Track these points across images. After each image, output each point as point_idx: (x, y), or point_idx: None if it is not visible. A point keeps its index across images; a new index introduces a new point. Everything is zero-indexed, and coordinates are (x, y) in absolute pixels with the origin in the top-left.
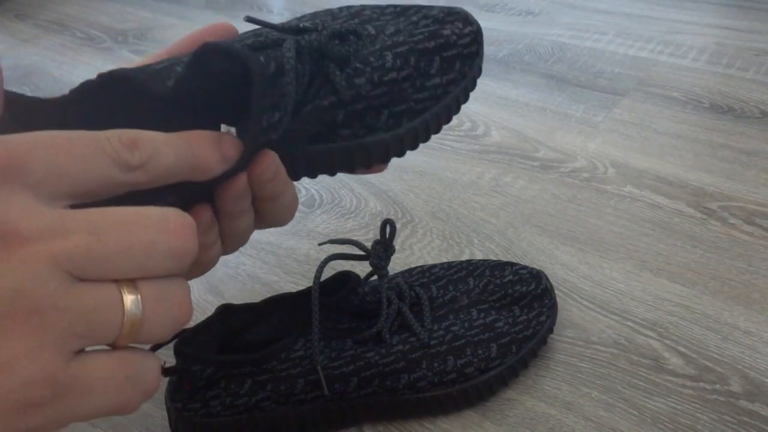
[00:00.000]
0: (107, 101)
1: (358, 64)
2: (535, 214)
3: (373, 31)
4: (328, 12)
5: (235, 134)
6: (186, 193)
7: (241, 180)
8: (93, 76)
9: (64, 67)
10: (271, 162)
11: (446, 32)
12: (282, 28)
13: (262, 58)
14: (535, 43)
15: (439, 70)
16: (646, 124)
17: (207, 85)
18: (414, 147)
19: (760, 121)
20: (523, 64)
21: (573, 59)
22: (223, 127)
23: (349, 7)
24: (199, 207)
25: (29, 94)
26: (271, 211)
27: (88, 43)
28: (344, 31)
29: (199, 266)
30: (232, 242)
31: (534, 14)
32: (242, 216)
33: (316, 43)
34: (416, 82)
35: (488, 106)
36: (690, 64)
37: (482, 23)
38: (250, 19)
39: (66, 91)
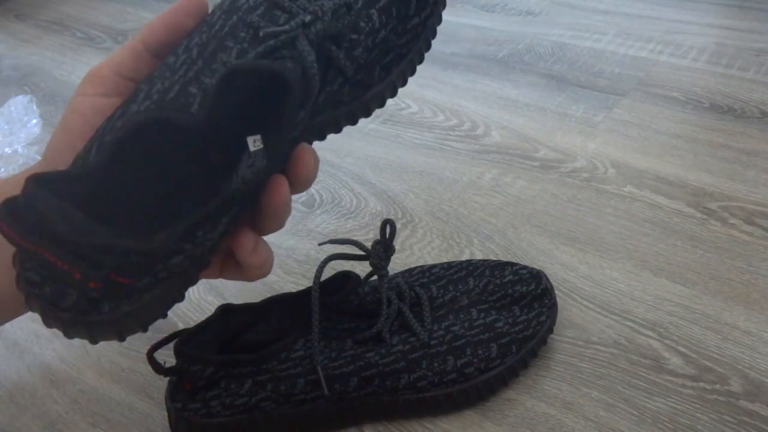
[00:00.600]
0: (135, 153)
1: (352, 35)
2: (535, 214)
3: None
4: None
5: (261, 142)
6: (235, 217)
7: (285, 188)
8: None
9: (64, 67)
10: (311, 156)
11: None
12: (291, 29)
13: (289, 64)
14: (535, 43)
15: (417, 9)
16: (646, 124)
17: (231, 101)
18: (404, 85)
19: (760, 121)
20: (523, 64)
21: (573, 59)
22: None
23: None
24: (243, 232)
25: (29, 93)
26: (302, 187)
27: (88, 43)
28: (339, 7)
29: (258, 274)
30: (270, 229)
31: (534, 14)
32: (284, 215)
33: (322, 32)
34: (398, 29)
35: (488, 106)
36: (690, 64)
37: (482, 23)
38: None
39: (67, 95)
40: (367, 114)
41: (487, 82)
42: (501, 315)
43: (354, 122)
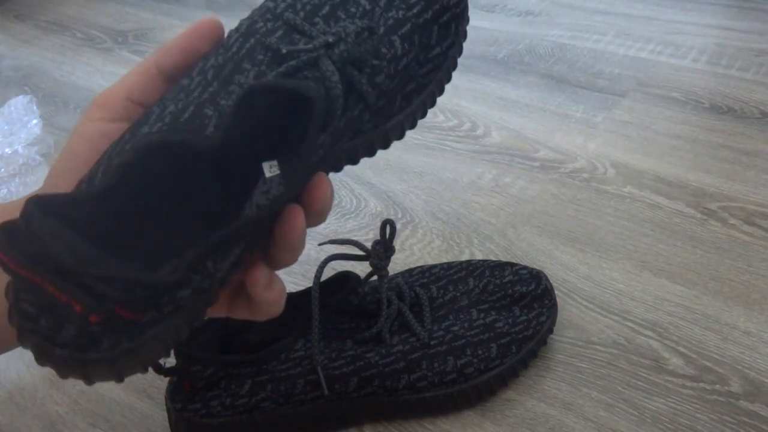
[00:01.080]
0: (143, 176)
1: (374, 61)
2: (535, 214)
3: (368, 6)
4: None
5: (277, 168)
6: (249, 250)
7: (300, 218)
8: (93, 76)
9: (64, 68)
10: (328, 186)
11: None
12: (314, 48)
13: (312, 84)
14: (535, 44)
15: (438, 39)
16: (645, 124)
17: (247, 123)
18: (424, 116)
19: (760, 122)
20: (523, 65)
21: (573, 60)
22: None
23: None
24: (256, 266)
25: (29, 94)
26: (317, 221)
27: (88, 43)
28: (361, 31)
29: (270, 311)
30: (283, 263)
31: (534, 15)
32: (302, 245)
33: (346, 54)
34: (420, 58)
35: (488, 106)
36: (690, 64)
37: (482, 24)
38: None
39: (67, 95)
40: (386, 145)
41: (487, 83)
42: (501, 315)
43: (372, 154)
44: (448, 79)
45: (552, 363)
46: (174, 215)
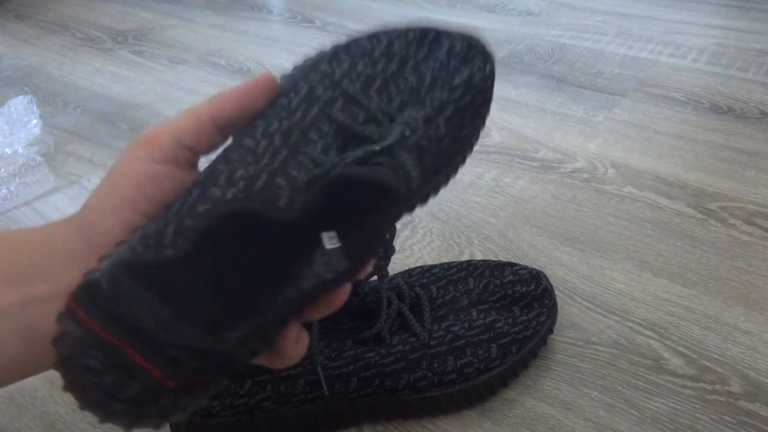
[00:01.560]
0: (216, 243)
1: (424, 143)
2: (535, 214)
3: (415, 84)
4: (380, 71)
5: (336, 240)
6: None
7: (348, 289)
8: (93, 76)
9: (64, 68)
10: (370, 266)
11: (476, 80)
12: (387, 147)
13: (395, 176)
14: (534, 44)
15: (470, 120)
16: (646, 124)
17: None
18: (447, 184)
19: (760, 122)
20: (522, 65)
21: (573, 59)
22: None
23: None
24: (290, 324)
25: (29, 94)
26: None
27: (88, 43)
28: (427, 121)
29: (290, 364)
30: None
31: (534, 15)
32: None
33: (414, 140)
34: (455, 135)
35: None
36: (690, 64)
37: (482, 24)
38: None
39: (67, 95)
40: (412, 210)
41: None
42: (501, 315)
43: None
44: (470, 150)
45: (552, 363)
46: (239, 281)
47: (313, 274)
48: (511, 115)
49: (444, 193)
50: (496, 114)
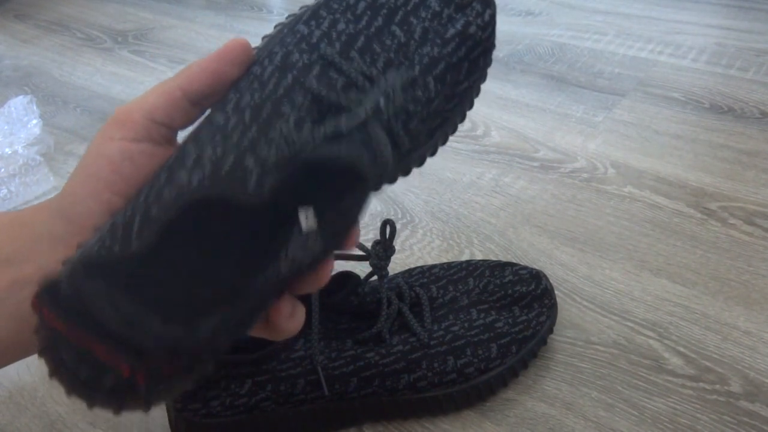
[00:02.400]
0: (182, 231)
1: (410, 106)
2: (535, 214)
3: (403, 39)
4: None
5: (312, 215)
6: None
7: (331, 267)
8: (93, 76)
9: (64, 68)
10: (357, 236)
11: (472, 30)
12: (366, 116)
13: (365, 157)
14: (535, 44)
15: (467, 74)
16: (645, 124)
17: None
18: (445, 144)
19: (760, 122)
20: (523, 65)
21: (573, 59)
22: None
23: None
24: (283, 299)
25: (29, 94)
26: None
27: (88, 43)
28: (407, 85)
29: (288, 336)
30: (311, 291)
31: (534, 14)
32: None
33: (392, 109)
34: (447, 93)
35: (488, 106)
36: (690, 64)
37: None
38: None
39: (67, 95)
40: (407, 174)
41: (487, 83)
42: (501, 315)
43: (393, 182)
44: (471, 106)
45: (552, 363)
46: (210, 270)
47: (289, 258)
48: (511, 115)
49: (444, 193)
50: (496, 114)
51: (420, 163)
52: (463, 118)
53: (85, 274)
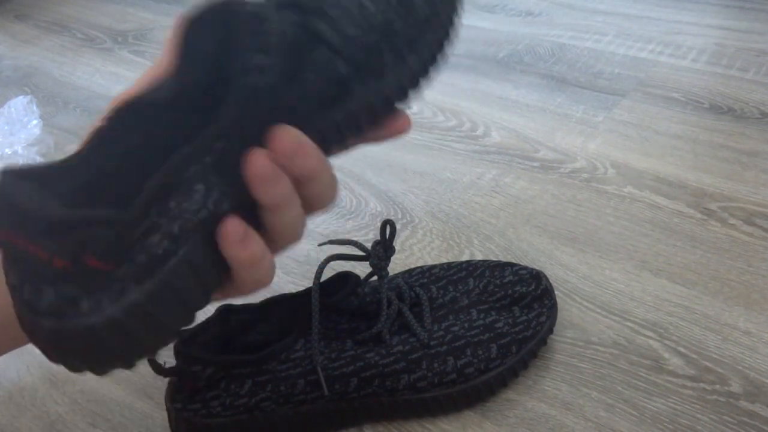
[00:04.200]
0: (114, 138)
1: (333, 11)
2: (535, 214)
3: None
4: None
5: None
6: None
7: (261, 158)
8: (93, 76)
9: (64, 68)
10: (286, 133)
11: None
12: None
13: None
14: (534, 44)
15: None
16: (646, 124)
17: (198, 68)
18: (426, 75)
19: (760, 122)
20: (522, 65)
21: (573, 60)
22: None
23: None
24: (228, 218)
25: (29, 94)
26: (314, 195)
27: (88, 43)
28: None
29: (253, 278)
30: (280, 240)
31: (534, 15)
32: (284, 207)
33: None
34: (405, 15)
35: (488, 106)
36: (690, 64)
37: (482, 24)
38: None
39: (67, 95)
40: (389, 109)
41: (487, 83)
42: (501, 315)
43: (373, 120)
44: (446, 35)
45: (552, 363)
46: (145, 170)
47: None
48: (511, 115)
49: (444, 192)
50: (496, 114)
51: (401, 94)
52: (439, 47)
53: (11, 176)
